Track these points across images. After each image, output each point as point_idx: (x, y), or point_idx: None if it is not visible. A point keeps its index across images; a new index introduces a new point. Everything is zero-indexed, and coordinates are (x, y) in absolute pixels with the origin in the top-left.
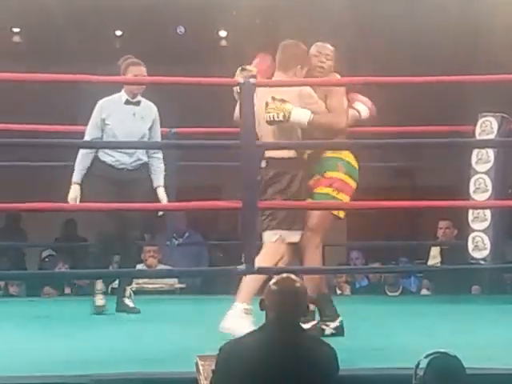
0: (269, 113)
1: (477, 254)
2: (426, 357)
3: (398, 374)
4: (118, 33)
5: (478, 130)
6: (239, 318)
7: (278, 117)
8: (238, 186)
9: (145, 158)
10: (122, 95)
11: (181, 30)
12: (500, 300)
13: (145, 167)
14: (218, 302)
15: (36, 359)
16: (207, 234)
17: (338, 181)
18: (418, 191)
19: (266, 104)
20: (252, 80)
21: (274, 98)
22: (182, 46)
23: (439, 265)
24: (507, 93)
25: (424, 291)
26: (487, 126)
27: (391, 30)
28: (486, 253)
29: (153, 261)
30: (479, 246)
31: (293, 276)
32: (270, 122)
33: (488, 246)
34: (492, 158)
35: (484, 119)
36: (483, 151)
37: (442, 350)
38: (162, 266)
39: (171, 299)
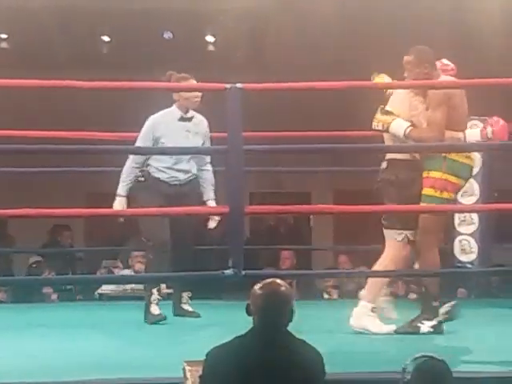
0: (374, 121)
1: (464, 258)
2: (413, 360)
3: (385, 378)
4: (106, 38)
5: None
6: (368, 316)
7: (377, 126)
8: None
9: (195, 172)
10: (175, 111)
11: (168, 35)
12: (487, 304)
13: (196, 180)
14: (205, 308)
15: (26, 365)
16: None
17: (439, 180)
18: None
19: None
20: (238, 85)
21: (381, 109)
22: (169, 52)
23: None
24: (493, 96)
25: (411, 295)
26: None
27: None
28: (473, 256)
29: (140, 266)
30: (466, 249)
31: (278, 280)
32: (374, 130)
33: (475, 249)
34: (479, 162)
35: (471, 123)
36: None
37: (429, 354)
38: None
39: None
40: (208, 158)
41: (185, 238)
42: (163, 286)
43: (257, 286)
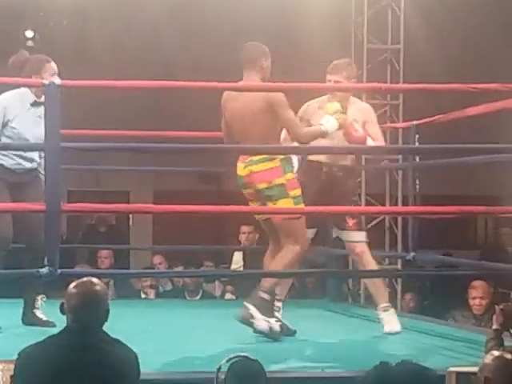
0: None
1: None
2: (228, 360)
3: (199, 378)
4: None
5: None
6: (393, 317)
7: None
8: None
9: (38, 160)
10: (28, 94)
11: None
12: (301, 304)
13: (38, 170)
14: (17, 306)
15: None
16: None
17: (293, 180)
18: (223, 196)
19: None
20: (57, 81)
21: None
22: None
23: (241, 269)
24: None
25: (228, 295)
26: None
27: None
28: None
29: None
30: None
31: (93, 279)
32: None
33: None
34: (296, 163)
35: None
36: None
37: (243, 354)
38: None
39: None
40: None
41: (34, 233)
42: None
43: (71, 285)
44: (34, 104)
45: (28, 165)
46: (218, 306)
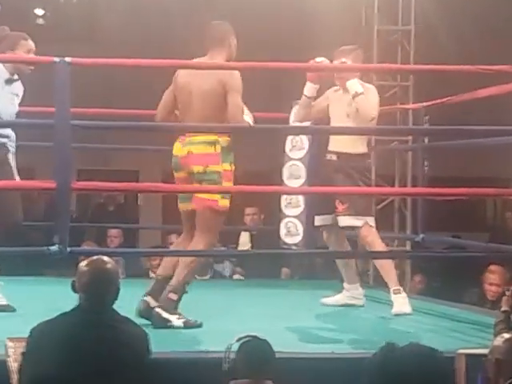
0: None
1: (289, 240)
2: (237, 341)
3: (209, 358)
4: None
5: (292, 117)
6: (404, 299)
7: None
8: (51, 168)
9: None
10: (1, 72)
11: None
12: (310, 285)
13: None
14: (28, 284)
15: None
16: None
17: (229, 172)
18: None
19: None
20: (67, 59)
21: None
22: None
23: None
24: (322, 81)
25: (236, 276)
26: None
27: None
28: (298, 238)
29: None
30: (292, 231)
31: (104, 257)
32: None
33: (300, 231)
34: (306, 145)
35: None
36: (297, 138)
37: (253, 334)
38: None
39: None
40: None
41: (9, 212)
42: None
43: (82, 263)
44: (8, 81)
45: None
46: (225, 286)
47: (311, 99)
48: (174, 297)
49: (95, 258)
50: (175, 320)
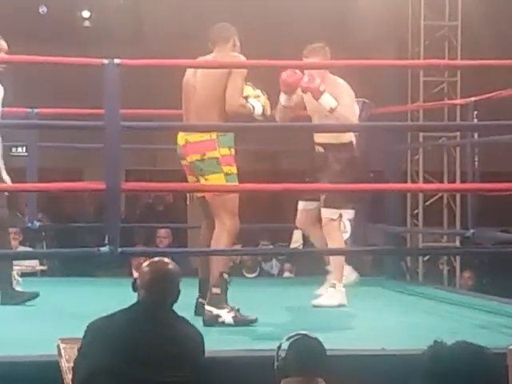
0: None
1: None
2: (288, 339)
3: (261, 356)
4: None
5: None
6: (337, 293)
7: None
8: (100, 169)
9: None
10: None
11: (43, 9)
12: (358, 282)
13: None
14: (80, 284)
15: None
16: (54, 216)
17: (228, 156)
18: (280, 175)
19: None
20: (116, 60)
21: None
22: (44, 27)
23: (301, 248)
24: (369, 78)
25: (286, 274)
26: None
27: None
28: (346, 236)
29: (14, 243)
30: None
31: (165, 259)
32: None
33: (348, 229)
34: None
35: None
36: None
37: (303, 332)
38: (22, 248)
39: (33, 281)
40: None
41: None
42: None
43: (145, 264)
44: None
45: None
46: (274, 284)
47: (287, 108)
48: (217, 290)
49: (157, 258)
50: (225, 314)
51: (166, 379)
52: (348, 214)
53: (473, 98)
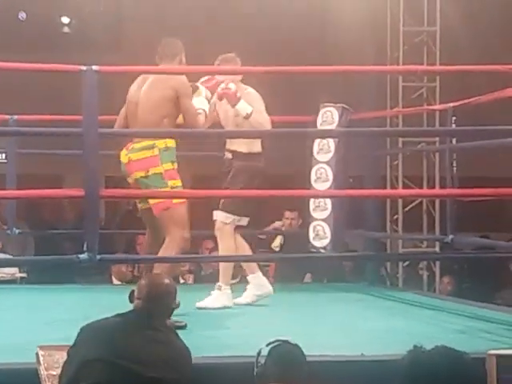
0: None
1: (317, 243)
2: (268, 345)
3: (239, 363)
4: None
5: (319, 120)
6: (221, 296)
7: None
8: (80, 175)
9: None
10: None
11: (22, 15)
12: (339, 288)
13: None
14: (59, 292)
15: None
16: (34, 223)
17: (172, 171)
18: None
19: None
20: (94, 67)
21: None
22: (24, 33)
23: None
24: (348, 84)
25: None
26: (328, 117)
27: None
28: (326, 241)
29: None
30: (320, 234)
31: (163, 275)
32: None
33: (328, 234)
34: (333, 148)
35: (325, 109)
36: (324, 141)
37: (283, 338)
38: (1, 255)
39: (12, 288)
40: None
41: None
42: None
43: (143, 279)
44: None
45: None
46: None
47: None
48: None
49: (156, 273)
50: None
51: (157, 375)
52: (242, 220)
53: (451, 104)
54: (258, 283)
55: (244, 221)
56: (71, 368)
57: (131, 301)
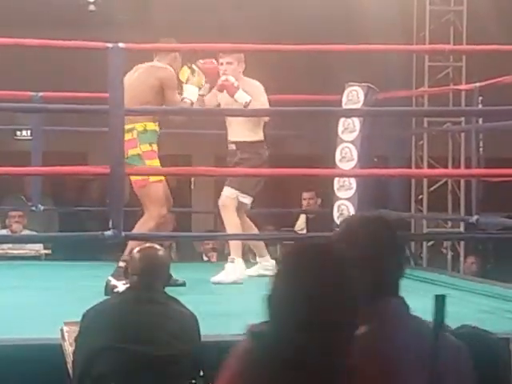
0: None
1: None
2: None
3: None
4: None
5: (344, 99)
6: (235, 268)
7: None
8: (104, 153)
9: None
10: None
11: None
12: None
13: None
14: (84, 268)
15: None
16: (58, 200)
17: (151, 152)
18: (287, 160)
19: None
20: (120, 44)
21: None
22: (49, 10)
23: (304, 232)
24: (374, 63)
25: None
26: (354, 96)
27: None
28: None
29: (18, 226)
30: (344, 213)
31: (156, 245)
32: None
33: (352, 213)
34: (358, 127)
35: (350, 89)
36: (349, 120)
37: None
38: (26, 232)
39: (36, 265)
40: None
41: None
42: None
43: (136, 250)
44: None
45: None
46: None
47: (202, 97)
48: (122, 264)
49: (147, 244)
50: (121, 286)
51: (161, 353)
52: (246, 198)
53: (478, 84)
54: (268, 264)
55: (247, 199)
56: (81, 358)
57: (126, 276)
